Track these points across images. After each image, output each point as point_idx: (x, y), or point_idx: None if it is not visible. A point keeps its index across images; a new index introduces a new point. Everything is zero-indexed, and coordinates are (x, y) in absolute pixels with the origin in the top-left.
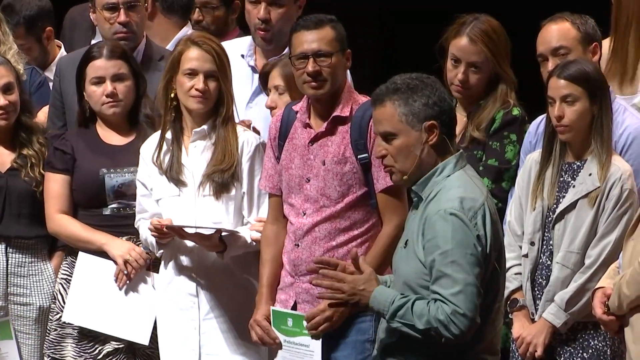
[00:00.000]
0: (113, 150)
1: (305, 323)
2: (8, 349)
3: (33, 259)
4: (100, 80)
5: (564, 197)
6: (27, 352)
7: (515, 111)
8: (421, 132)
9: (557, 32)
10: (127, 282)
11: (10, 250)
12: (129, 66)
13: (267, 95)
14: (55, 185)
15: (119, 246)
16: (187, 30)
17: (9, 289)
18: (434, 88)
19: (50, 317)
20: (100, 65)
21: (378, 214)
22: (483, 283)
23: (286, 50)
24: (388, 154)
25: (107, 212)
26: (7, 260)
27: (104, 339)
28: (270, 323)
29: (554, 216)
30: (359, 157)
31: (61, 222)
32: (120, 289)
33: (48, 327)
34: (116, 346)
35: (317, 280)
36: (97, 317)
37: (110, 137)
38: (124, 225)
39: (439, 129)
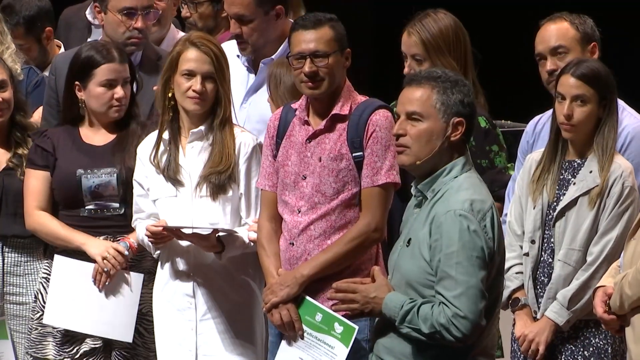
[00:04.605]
0: (91, 151)
1: (337, 325)
2: (4, 349)
3: (29, 259)
4: (112, 83)
5: (564, 194)
6: (23, 352)
7: (483, 123)
8: (447, 125)
9: (555, 31)
10: (107, 280)
11: (7, 249)
12: (130, 70)
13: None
14: (35, 182)
15: (97, 245)
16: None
17: (5, 289)
18: (470, 90)
19: (31, 315)
20: (114, 69)
21: None
22: (487, 286)
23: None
24: (407, 134)
25: (84, 213)
26: (3, 260)
27: (81, 338)
28: None
29: (555, 214)
30: (354, 155)
31: (40, 219)
32: (100, 287)
33: (29, 326)
34: (93, 346)
35: (332, 294)
36: (79, 318)
37: (92, 137)
38: (101, 227)
39: (464, 128)
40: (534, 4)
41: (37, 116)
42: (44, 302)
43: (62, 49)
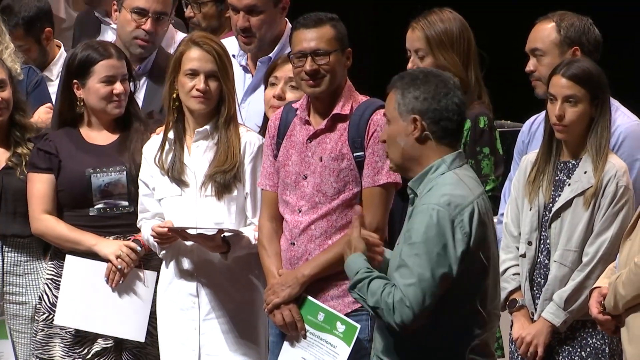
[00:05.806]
0: (98, 150)
1: (339, 324)
2: (3, 349)
3: (28, 258)
4: (111, 79)
5: (559, 195)
6: (23, 352)
7: (482, 123)
8: (407, 124)
9: (537, 33)
10: (121, 279)
11: (6, 249)
12: (127, 68)
13: (265, 87)
14: (40, 185)
15: (110, 245)
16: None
17: (4, 288)
18: (435, 85)
19: (36, 317)
20: (113, 65)
21: None
22: (465, 283)
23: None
24: (386, 139)
25: (93, 212)
26: (2, 259)
27: (92, 338)
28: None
29: (550, 215)
30: (354, 154)
31: (48, 223)
32: (113, 287)
33: (35, 328)
34: (104, 345)
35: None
36: (91, 317)
37: (95, 137)
38: (110, 226)
39: (421, 124)
40: (534, 3)
41: (36, 116)
42: (50, 304)
43: (62, 49)
